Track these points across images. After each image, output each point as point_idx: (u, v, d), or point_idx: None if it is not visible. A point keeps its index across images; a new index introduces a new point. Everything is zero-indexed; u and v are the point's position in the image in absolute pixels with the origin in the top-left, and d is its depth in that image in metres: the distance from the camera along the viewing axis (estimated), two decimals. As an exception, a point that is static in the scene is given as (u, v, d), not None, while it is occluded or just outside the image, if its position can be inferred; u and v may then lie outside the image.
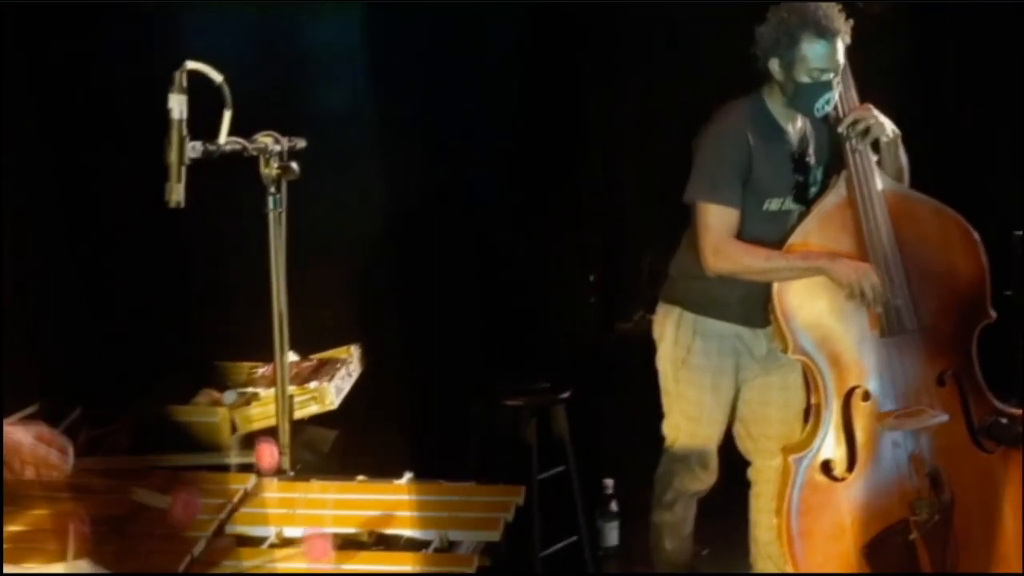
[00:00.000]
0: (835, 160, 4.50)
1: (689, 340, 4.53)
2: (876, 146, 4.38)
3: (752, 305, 4.42)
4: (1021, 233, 5.23)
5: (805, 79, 4.26)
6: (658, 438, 4.71)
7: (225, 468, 3.94)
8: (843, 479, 4.29)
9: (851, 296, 4.23)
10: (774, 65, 4.31)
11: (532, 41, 5.93)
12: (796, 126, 4.45)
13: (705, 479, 4.66)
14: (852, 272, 4.22)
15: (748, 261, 4.29)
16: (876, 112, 4.35)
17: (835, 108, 4.36)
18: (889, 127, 4.36)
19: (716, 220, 4.29)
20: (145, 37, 4.75)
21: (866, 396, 4.31)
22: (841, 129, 4.34)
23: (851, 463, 4.30)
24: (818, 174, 4.48)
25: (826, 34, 4.22)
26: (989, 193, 5.71)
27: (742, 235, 4.32)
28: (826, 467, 4.30)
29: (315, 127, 3.72)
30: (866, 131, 4.33)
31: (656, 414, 4.70)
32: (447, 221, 5.72)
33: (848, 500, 4.29)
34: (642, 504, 4.86)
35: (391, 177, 5.54)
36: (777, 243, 4.33)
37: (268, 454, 3.27)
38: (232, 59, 3.34)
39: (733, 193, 4.29)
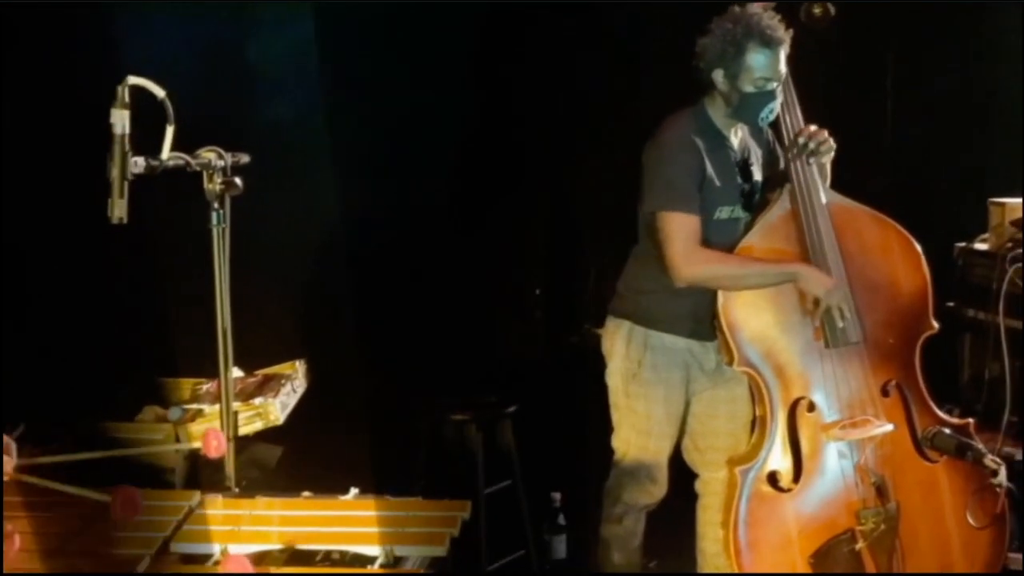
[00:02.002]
0: (772, 169, 4.53)
1: (640, 354, 4.53)
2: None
3: (702, 318, 4.43)
4: (962, 245, 5.27)
5: (750, 88, 4.28)
6: (604, 451, 4.71)
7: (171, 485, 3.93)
8: (789, 490, 4.31)
9: (815, 307, 4.25)
10: (718, 76, 4.33)
11: (479, 56, 5.93)
12: (737, 136, 4.47)
13: (655, 492, 4.66)
14: (820, 284, 4.25)
15: (720, 267, 4.30)
16: (826, 134, 4.39)
17: (778, 122, 4.39)
18: (833, 146, 4.41)
19: (681, 228, 4.29)
20: (87, 51, 4.73)
21: (811, 407, 4.33)
22: (802, 143, 4.35)
23: (797, 474, 4.31)
24: (760, 183, 4.51)
25: (770, 43, 4.25)
26: (930, 205, 5.75)
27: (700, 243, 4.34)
28: (772, 478, 4.31)
29: (259, 142, 3.71)
30: (819, 148, 4.36)
31: (602, 427, 4.71)
32: (392, 235, 5.71)
33: (794, 511, 4.31)
34: (590, 517, 4.86)
35: (335, 192, 5.53)
36: (729, 251, 4.34)
37: (214, 440, 3.25)
38: (175, 73, 3.32)
39: (693, 200, 4.30)
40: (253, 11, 5.30)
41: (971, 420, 4.46)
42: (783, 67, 4.30)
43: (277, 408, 4.20)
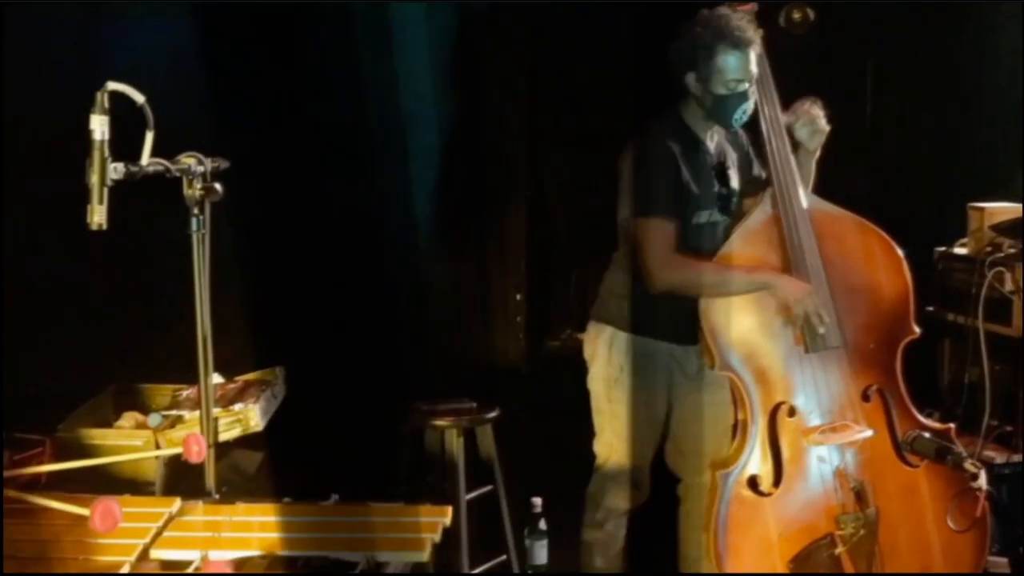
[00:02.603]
0: (751, 174, 4.54)
1: (621, 359, 4.54)
2: (796, 146, 4.43)
3: (683, 323, 4.43)
4: (942, 249, 5.29)
5: (722, 90, 4.30)
6: (586, 456, 4.71)
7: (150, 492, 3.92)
8: (770, 494, 4.31)
9: (792, 315, 4.26)
10: (690, 79, 4.34)
11: (459, 62, 5.93)
12: (714, 140, 4.48)
13: (636, 497, 4.67)
14: (796, 292, 4.26)
15: (696, 274, 4.30)
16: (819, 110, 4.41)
17: (757, 123, 4.39)
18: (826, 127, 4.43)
19: (657, 233, 4.30)
20: (65, 56, 4.72)
21: (792, 412, 4.33)
22: (800, 128, 4.37)
23: (777, 478, 4.31)
24: (738, 187, 4.52)
25: (740, 45, 4.26)
26: (910, 210, 5.77)
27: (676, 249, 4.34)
28: (753, 482, 4.31)
29: (239, 147, 3.70)
30: (816, 131, 4.38)
31: (584, 432, 4.71)
32: (373, 241, 5.71)
33: (775, 515, 4.31)
34: (571, 523, 4.85)
35: (316, 197, 5.53)
36: (709, 255, 4.35)
37: (195, 446, 3.24)
38: (155, 79, 3.31)
39: (669, 206, 4.31)
40: (232, 16, 5.29)
41: (951, 425, 4.46)
42: (754, 68, 4.31)
43: (257, 414, 4.19)
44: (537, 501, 5.48)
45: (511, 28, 5.90)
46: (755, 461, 4.32)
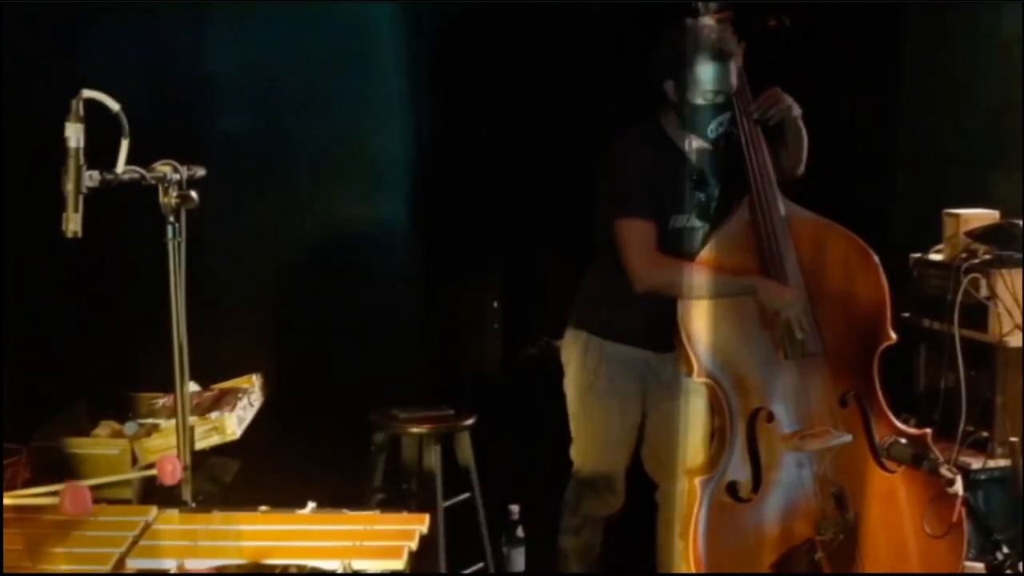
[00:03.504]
0: (731, 178, 4.54)
1: (596, 365, 4.54)
2: (781, 129, 4.43)
3: (658, 330, 4.43)
4: (918, 256, 5.30)
5: (699, 101, 4.31)
6: (564, 463, 4.71)
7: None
8: (749, 500, 4.31)
9: (773, 320, 4.27)
10: (669, 87, 4.35)
11: (434, 65, 5.92)
12: (692, 146, 4.49)
13: (612, 503, 4.67)
14: (780, 297, 4.27)
15: (680, 274, 4.31)
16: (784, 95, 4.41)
17: (735, 131, 4.40)
18: (794, 106, 4.42)
19: (637, 234, 4.31)
20: (39, 63, 4.70)
21: (770, 417, 4.34)
22: (756, 114, 4.37)
23: (756, 484, 4.32)
24: (716, 193, 4.52)
25: (720, 56, 4.27)
26: (885, 216, 5.77)
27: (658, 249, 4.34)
28: (731, 489, 4.32)
29: (216, 155, 3.69)
30: (781, 109, 4.38)
31: (561, 439, 4.70)
32: (348, 247, 5.69)
33: (754, 521, 4.31)
34: (548, 530, 4.85)
35: (291, 205, 5.51)
36: (687, 260, 4.35)
37: (169, 466, 3.22)
38: (131, 86, 3.31)
39: (647, 207, 4.32)
40: (210, 21, 5.27)
41: (928, 430, 4.48)
42: (734, 80, 4.32)
43: (233, 422, 4.17)
44: (514, 508, 5.47)
45: (488, 30, 5.89)
46: (734, 467, 4.32)
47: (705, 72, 4.27)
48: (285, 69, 5.43)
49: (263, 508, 3.24)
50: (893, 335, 4.46)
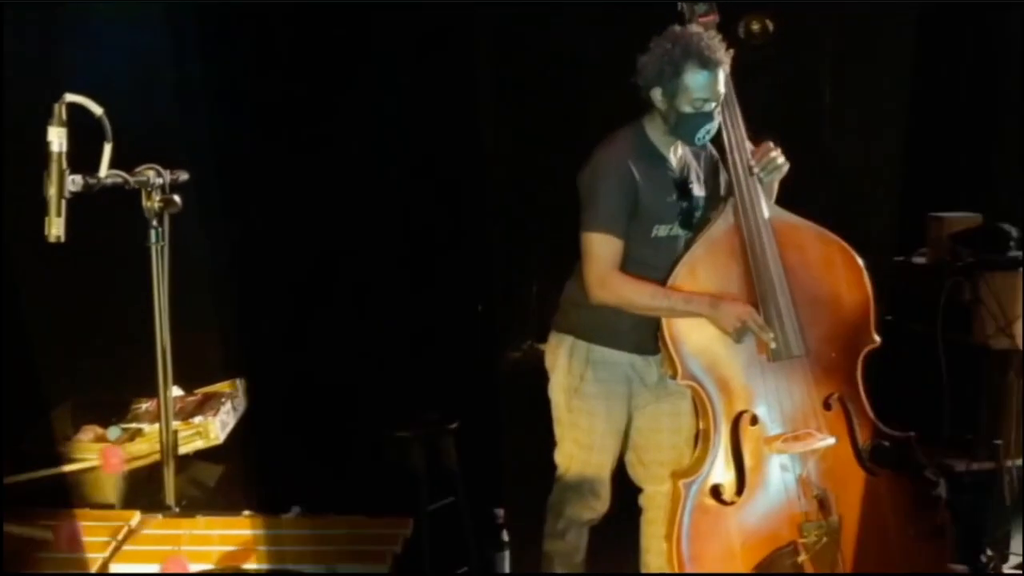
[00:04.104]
0: (716, 187, 4.54)
1: (582, 369, 4.54)
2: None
3: (643, 333, 4.43)
4: (902, 259, 5.32)
5: (687, 109, 4.30)
6: (548, 467, 4.70)
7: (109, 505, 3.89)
8: (732, 503, 4.32)
9: (737, 338, 4.28)
10: (656, 94, 4.34)
11: (417, 69, 5.93)
12: (677, 154, 4.49)
13: (597, 507, 4.66)
14: (733, 316, 4.27)
15: (631, 296, 4.32)
16: (778, 152, 4.41)
17: (720, 138, 4.40)
18: (786, 163, 4.43)
19: (600, 250, 4.31)
20: (22, 67, 4.68)
21: (754, 420, 4.34)
22: (756, 168, 4.37)
23: (740, 487, 4.32)
24: (701, 200, 4.52)
25: (708, 64, 4.26)
26: (869, 220, 5.79)
27: (634, 260, 4.34)
28: (715, 491, 4.32)
29: (199, 159, 3.69)
30: (773, 169, 4.38)
31: (546, 443, 4.70)
32: (333, 251, 5.69)
33: (738, 523, 4.32)
34: (533, 534, 4.84)
35: (274, 209, 5.51)
36: (667, 268, 4.35)
37: (113, 458, 3.22)
38: (114, 91, 3.30)
39: (618, 223, 4.31)
40: (192, 26, 5.27)
41: (912, 433, 4.48)
42: (722, 88, 4.31)
43: (217, 427, 4.16)
44: (499, 512, 5.47)
45: (472, 35, 5.89)
46: (718, 470, 4.33)
47: (694, 79, 4.26)
48: (266, 72, 5.43)
49: (247, 513, 3.23)
50: (877, 338, 4.47)
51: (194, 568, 2.93)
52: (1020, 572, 4.97)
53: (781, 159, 4.41)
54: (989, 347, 4.91)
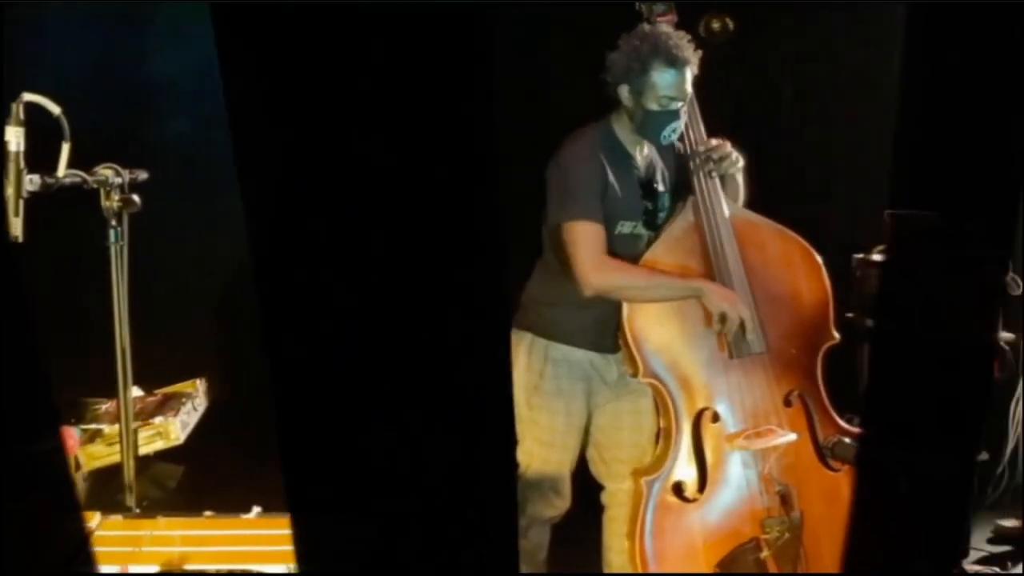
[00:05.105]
0: (681, 187, 4.55)
1: (541, 366, 4.54)
2: (722, 176, 4.45)
3: (603, 331, 4.44)
4: (860, 256, 5.33)
5: (654, 107, 4.31)
6: (510, 465, 4.70)
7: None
8: (694, 500, 4.33)
9: (719, 322, 4.29)
10: (623, 92, 4.34)
11: (382, 67, 5.91)
12: (643, 153, 4.49)
13: (559, 505, 4.66)
14: (724, 299, 4.28)
15: (627, 279, 4.32)
16: (730, 147, 4.42)
17: (682, 138, 4.41)
18: (740, 159, 4.44)
19: (587, 237, 4.30)
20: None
21: (715, 417, 4.36)
22: (697, 159, 4.38)
23: (702, 484, 4.33)
24: (665, 200, 4.53)
25: (676, 63, 4.27)
26: (828, 217, 5.80)
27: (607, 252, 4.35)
28: (678, 488, 4.33)
29: (159, 157, 3.67)
30: (721, 161, 4.39)
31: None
32: (292, 250, 5.66)
33: (700, 520, 4.33)
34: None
35: (234, 208, 5.48)
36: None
37: (68, 438, 3.21)
38: (72, 90, 3.28)
39: (596, 210, 4.31)
40: (152, 24, 5.24)
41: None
42: (689, 87, 4.32)
43: (177, 427, 4.15)
44: (462, 511, 5.46)
45: (446, 29, 5.87)
46: (680, 467, 4.34)
47: (662, 78, 4.27)
48: (230, 68, 5.40)
49: (208, 513, 3.23)
50: (837, 335, 4.49)
51: (156, 569, 2.92)
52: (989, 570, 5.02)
53: (734, 154, 4.43)
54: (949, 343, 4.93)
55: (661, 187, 4.52)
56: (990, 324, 5.00)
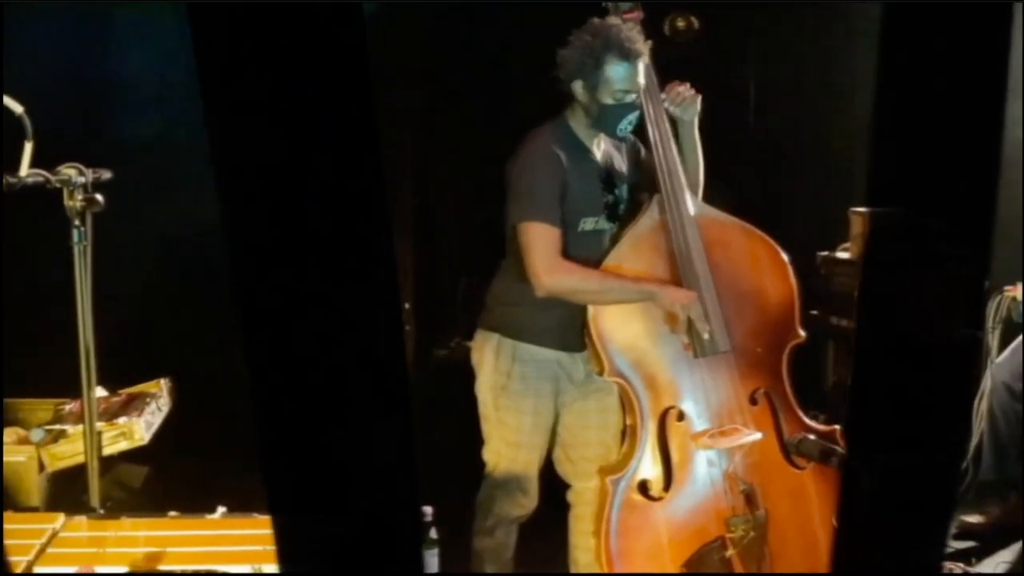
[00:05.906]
0: (640, 179, 4.56)
1: (508, 366, 4.53)
2: (675, 128, 4.45)
3: (569, 330, 4.44)
4: (825, 254, 5.35)
5: (609, 100, 4.31)
6: (476, 465, 4.70)
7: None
8: (660, 498, 4.33)
9: (674, 324, 4.29)
10: (578, 87, 4.35)
11: (341, 63, 5.90)
12: (601, 147, 4.50)
13: (526, 504, 4.66)
14: (679, 301, 4.28)
15: (581, 282, 4.31)
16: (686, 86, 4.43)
17: (651, 137, 4.40)
18: (698, 101, 4.44)
19: (542, 239, 4.30)
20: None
21: (681, 416, 4.36)
22: (666, 100, 4.38)
23: (667, 482, 4.34)
24: (624, 192, 4.53)
25: (629, 56, 4.28)
26: (793, 215, 5.83)
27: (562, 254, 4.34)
28: (643, 487, 4.34)
29: (123, 157, 3.65)
30: (685, 102, 4.40)
31: (474, 440, 4.69)
32: (260, 250, 5.66)
33: (665, 519, 4.33)
34: (461, 531, 4.84)
35: (199, 207, 5.46)
36: (595, 262, 4.36)
37: None
38: (35, 89, 3.26)
39: (554, 212, 4.31)
40: (114, 24, 5.22)
41: (836, 427, 4.52)
42: (642, 79, 4.33)
43: (142, 427, 4.13)
44: (427, 510, 5.45)
45: (397, 30, 5.87)
46: (645, 466, 4.34)
47: (614, 71, 4.28)
48: (190, 72, 5.39)
49: (173, 513, 3.21)
50: (802, 333, 4.50)
51: (121, 570, 2.90)
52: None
53: (691, 92, 4.43)
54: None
55: (620, 179, 4.52)
56: (957, 321, 5.04)
